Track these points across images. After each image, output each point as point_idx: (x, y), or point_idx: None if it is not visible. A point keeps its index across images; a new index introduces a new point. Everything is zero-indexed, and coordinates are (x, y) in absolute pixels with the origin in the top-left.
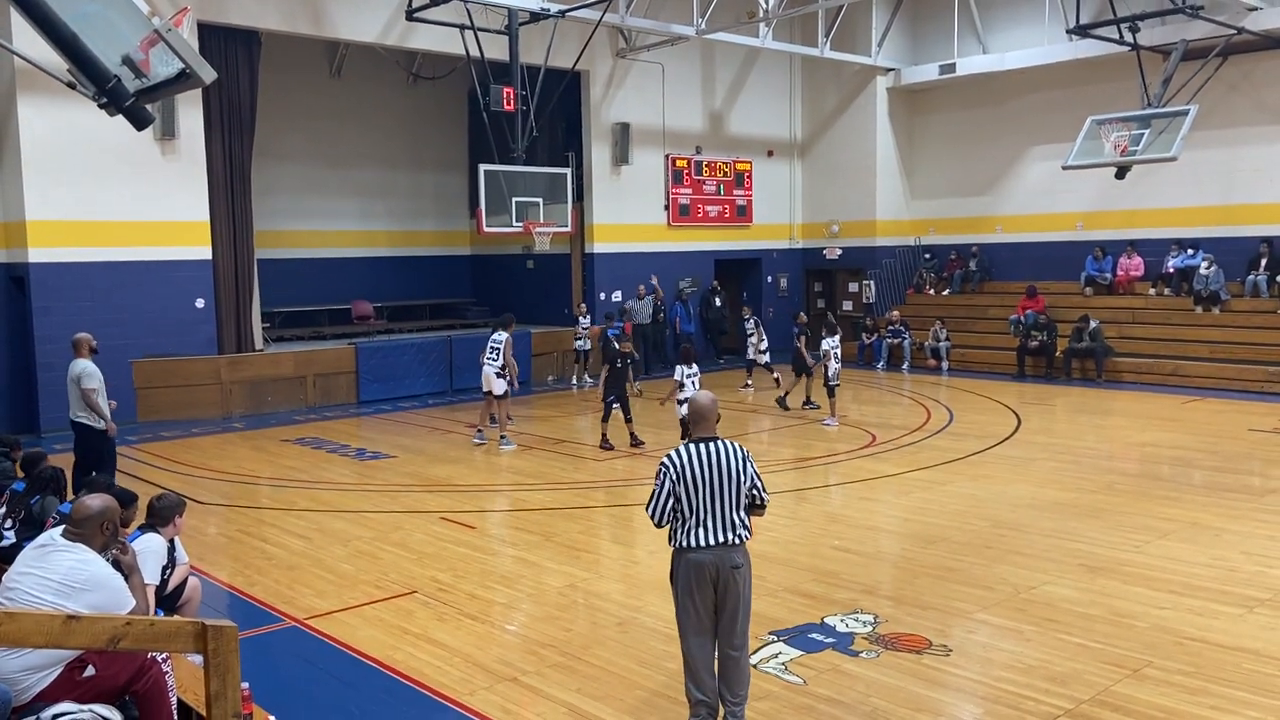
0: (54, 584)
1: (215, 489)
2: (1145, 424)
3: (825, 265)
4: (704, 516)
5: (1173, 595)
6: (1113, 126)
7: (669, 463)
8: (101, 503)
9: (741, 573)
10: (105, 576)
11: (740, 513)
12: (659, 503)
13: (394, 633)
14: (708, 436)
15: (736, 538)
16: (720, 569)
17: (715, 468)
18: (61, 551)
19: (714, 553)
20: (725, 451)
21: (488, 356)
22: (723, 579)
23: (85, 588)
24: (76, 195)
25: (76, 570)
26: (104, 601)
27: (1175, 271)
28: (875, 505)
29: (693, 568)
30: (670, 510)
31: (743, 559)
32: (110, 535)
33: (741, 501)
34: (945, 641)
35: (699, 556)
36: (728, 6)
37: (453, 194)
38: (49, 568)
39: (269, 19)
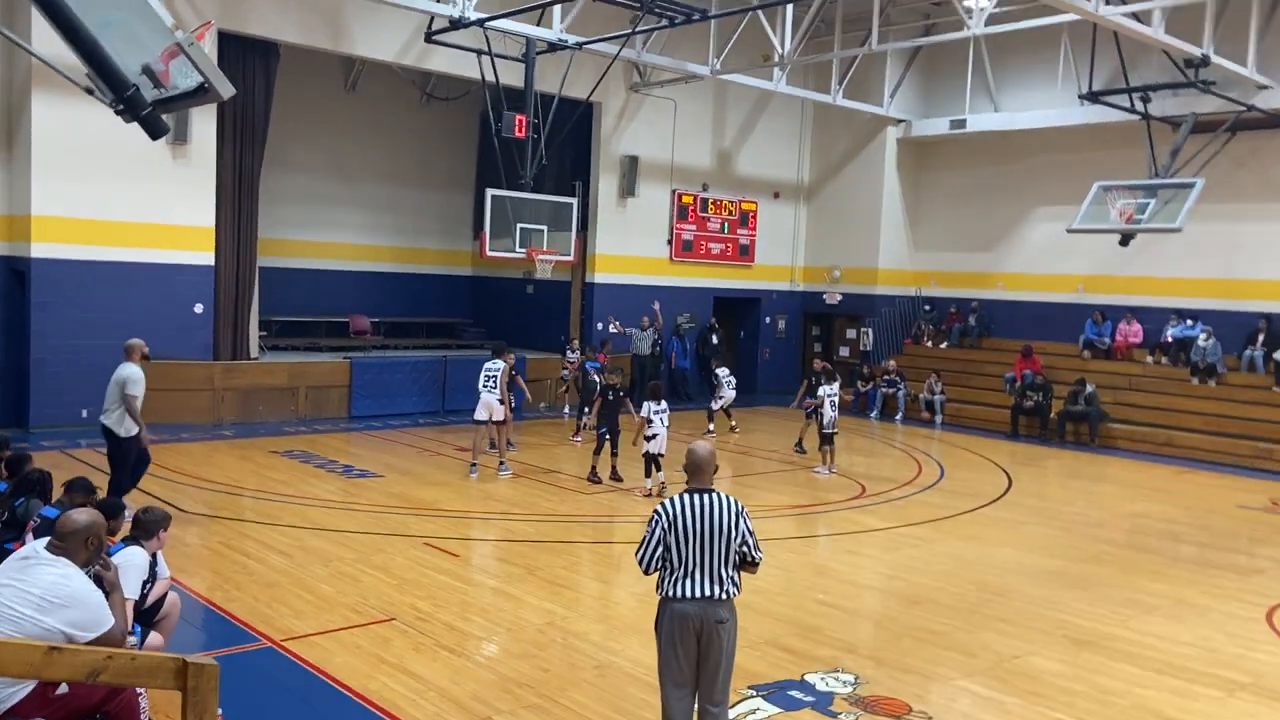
0: (34, 598)
1: (199, 498)
2: (1136, 493)
3: (824, 310)
4: (692, 568)
5: (1155, 674)
6: (1119, 194)
7: (662, 511)
8: (88, 518)
9: (726, 628)
10: (86, 593)
11: (729, 568)
12: (649, 550)
13: (370, 660)
14: (703, 488)
15: (724, 592)
16: (705, 622)
17: (707, 520)
18: (44, 565)
19: (699, 605)
20: (719, 505)
21: (484, 385)
22: (706, 632)
23: (65, 604)
24: (84, 193)
25: (58, 586)
26: (83, 618)
27: (1174, 341)
28: (861, 560)
29: (677, 619)
30: (659, 559)
31: (728, 614)
32: (94, 551)
33: (731, 556)
34: (925, 708)
35: (684, 608)
36: (743, 49)
37: (457, 214)
38: (30, 581)
39: (288, 32)
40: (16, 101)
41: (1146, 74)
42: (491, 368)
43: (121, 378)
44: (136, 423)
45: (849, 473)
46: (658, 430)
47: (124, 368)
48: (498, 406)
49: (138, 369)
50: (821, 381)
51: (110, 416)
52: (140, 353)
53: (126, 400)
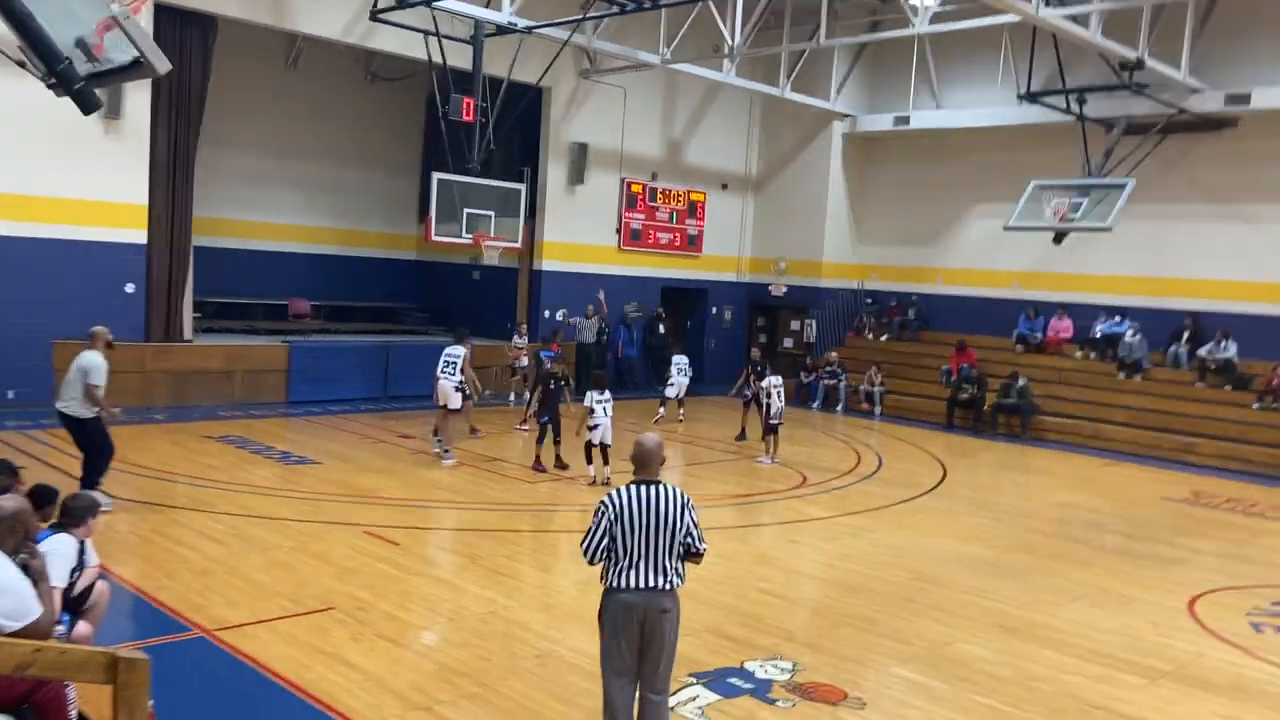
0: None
1: (129, 484)
2: (1064, 484)
3: (770, 301)
4: (636, 559)
5: (1079, 661)
6: (1054, 192)
7: (608, 502)
8: (14, 504)
9: (669, 617)
10: (12, 582)
11: (673, 559)
12: (593, 540)
13: (307, 651)
14: (649, 479)
15: (668, 583)
16: (648, 612)
17: (653, 511)
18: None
19: (643, 595)
20: (665, 496)
21: (443, 370)
22: (650, 622)
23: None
24: (9, 167)
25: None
26: (9, 608)
27: (1102, 337)
28: (802, 549)
29: (620, 609)
30: (603, 549)
31: (671, 604)
32: (21, 538)
33: (676, 548)
34: (860, 694)
35: (628, 598)
36: (694, 39)
37: (402, 197)
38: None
39: (228, 6)
40: None
41: (1083, 76)
42: (452, 353)
43: (84, 366)
44: (102, 408)
45: (790, 462)
46: (600, 420)
47: (87, 355)
48: (453, 394)
49: (100, 357)
50: (766, 372)
51: (70, 404)
52: (104, 340)
53: (89, 390)
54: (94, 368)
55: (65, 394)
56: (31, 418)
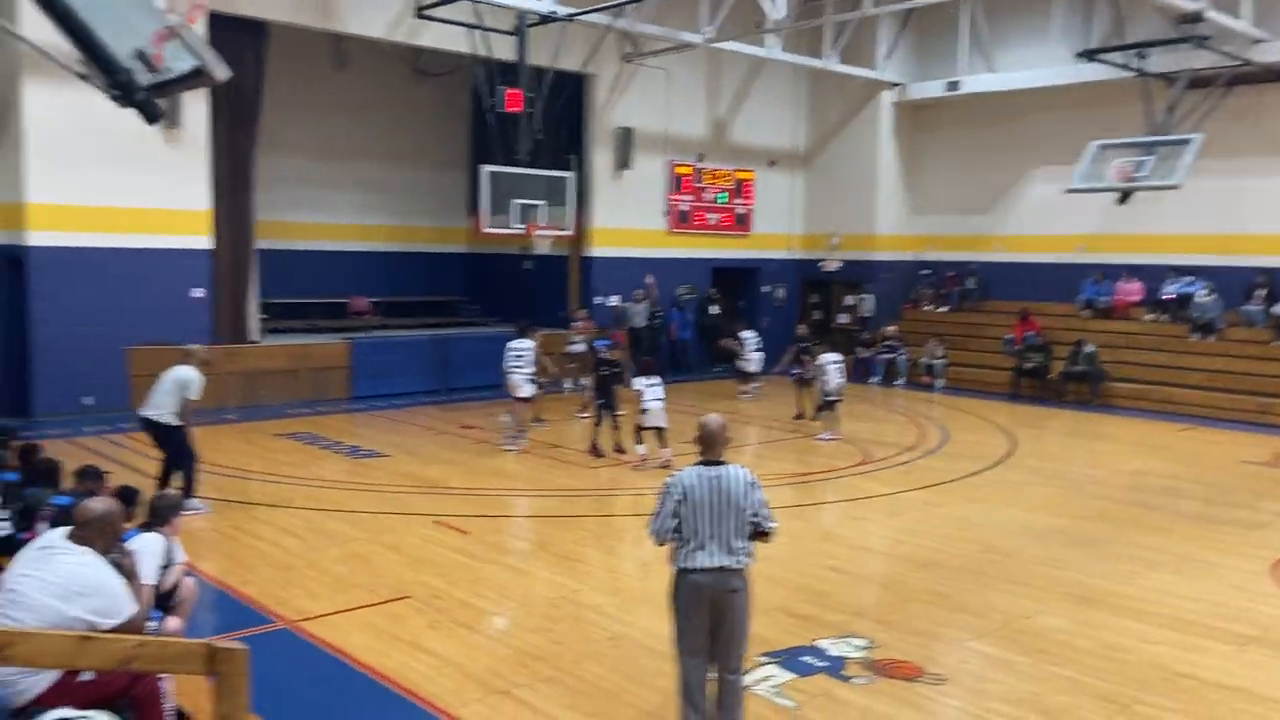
0: (55, 587)
1: (207, 482)
2: (1138, 451)
3: (823, 277)
4: (705, 539)
5: (1163, 630)
6: (1117, 152)
7: (674, 483)
8: (104, 506)
9: (739, 597)
10: (107, 581)
11: (742, 538)
12: (661, 521)
13: (386, 639)
14: (715, 459)
15: (737, 562)
16: (718, 592)
17: (720, 491)
18: (64, 554)
19: (713, 576)
20: (731, 476)
21: (513, 364)
22: (720, 602)
23: (86, 592)
24: (78, 180)
25: (78, 574)
26: (105, 606)
27: (1173, 298)
28: (868, 525)
29: (691, 589)
30: (671, 530)
31: (741, 583)
32: (112, 538)
33: (744, 527)
34: (938, 670)
35: (697, 579)
36: (736, 16)
37: (452, 191)
38: (51, 570)
39: (277, 11)
40: (6, 89)
41: (1142, 30)
42: (518, 346)
43: (182, 379)
44: (187, 422)
45: (853, 439)
46: (650, 405)
47: (184, 369)
48: (524, 385)
49: (197, 374)
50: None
51: (160, 413)
52: (200, 358)
53: (183, 403)
54: (191, 382)
55: (155, 402)
56: (109, 422)
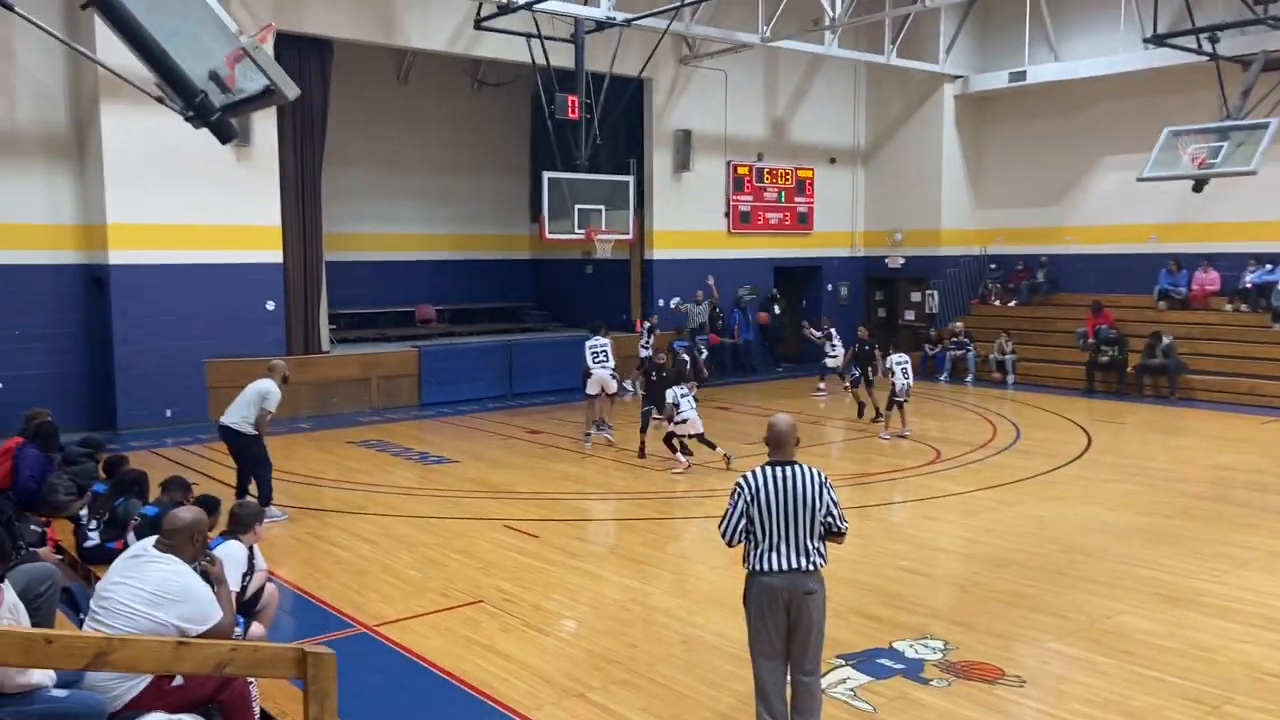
0: (146, 594)
1: (282, 490)
2: (1220, 445)
3: (887, 274)
4: (777, 540)
5: (1253, 629)
6: (1190, 138)
7: (744, 483)
8: (192, 515)
9: (815, 599)
10: (195, 588)
11: (815, 539)
12: (731, 522)
13: (461, 643)
14: (785, 460)
15: (810, 563)
16: (793, 594)
17: (791, 492)
18: (154, 563)
19: (787, 578)
20: (802, 476)
21: (596, 361)
22: (795, 604)
23: (177, 599)
24: (155, 200)
25: (168, 581)
26: (194, 612)
27: (1253, 287)
28: (941, 525)
29: (765, 592)
30: (741, 531)
31: (816, 585)
32: (200, 546)
33: (817, 528)
34: (1019, 672)
35: (771, 581)
36: (792, 14)
37: (514, 198)
38: (141, 578)
39: (341, 28)
40: (86, 113)
41: (1213, 13)
42: (598, 344)
43: (263, 391)
44: (263, 433)
45: (922, 437)
46: (687, 414)
47: (265, 381)
48: (611, 380)
49: (276, 388)
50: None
51: (239, 422)
52: (281, 374)
53: (261, 414)
54: (271, 395)
55: (235, 411)
56: (189, 433)
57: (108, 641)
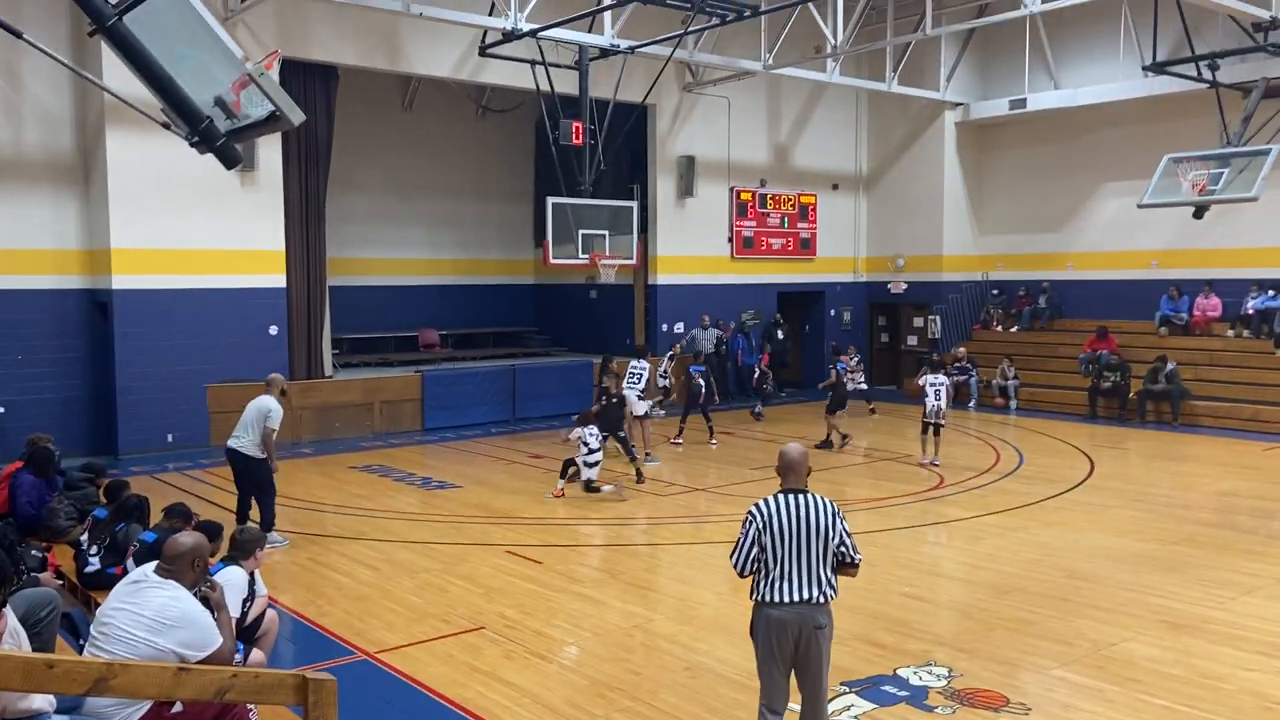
0: (146, 620)
1: (284, 515)
2: (1224, 471)
3: (889, 299)
4: (788, 570)
5: (1260, 656)
6: (1190, 165)
7: (756, 512)
8: (192, 540)
9: (825, 633)
10: (195, 614)
11: (826, 570)
12: (743, 551)
13: (463, 670)
14: (797, 488)
15: (821, 595)
16: (803, 628)
17: (803, 521)
18: (154, 588)
19: (796, 610)
20: (815, 505)
21: (629, 382)
22: (805, 638)
23: (176, 625)
24: (159, 224)
25: (168, 607)
26: (194, 638)
27: (1255, 313)
28: (945, 551)
29: (774, 625)
30: (754, 560)
31: (826, 619)
32: (200, 572)
33: (829, 559)
34: (1023, 699)
35: (780, 614)
36: (795, 42)
37: (518, 224)
38: (141, 604)
39: (347, 55)
40: (92, 139)
41: (1213, 40)
42: (637, 367)
43: (264, 409)
44: (269, 453)
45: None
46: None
47: (264, 400)
48: (637, 402)
49: (277, 403)
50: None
51: (245, 444)
52: (280, 387)
53: (266, 434)
54: (273, 412)
55: (241, 433)
56: (191, 458)
57: (108, 667)
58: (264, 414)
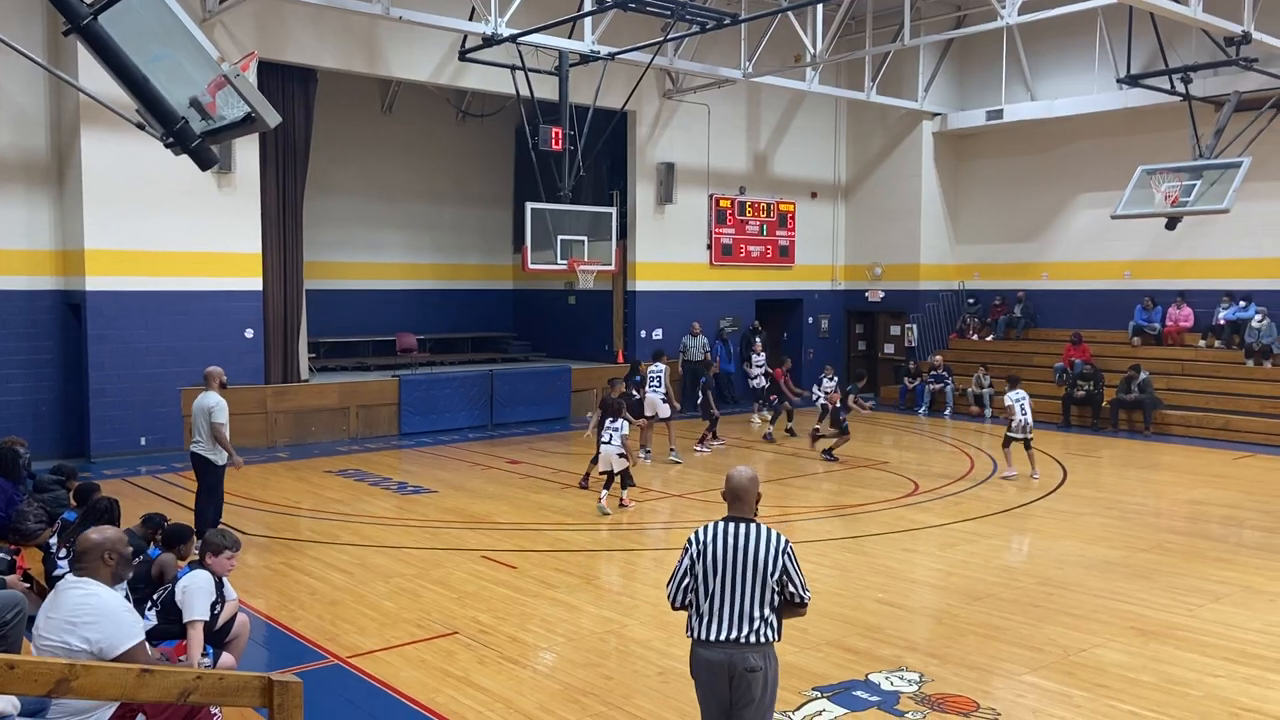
0: (60, 621)
1: (258, 519)
2: (1195, 480)
3: (867, 308)
4: (719, 606)
5: (1227, 663)
6: (1163, 177)
7: (693, 539)
8: (99, 535)
9: (760, 676)
10: (111, 609)
11: (764, 607)
12: (676, 582)
13: (436, 674)
14: (741, 517)
15: (754, 635)
16: (734, 671)
17: (739, 552)
18: (70, 588)
19: (725, 651)
20: (757, 536)
21: (650, 385)
22: (736, 682)
23: (90, 620)
24: (134, 226)
25: (81, 604)
26: (109, 634)
27: (1226, 323)
28: (918, 557)
29: (704, 667)
30: (687, 590)
31: (761, 661)
32: (118, 564)
33: (768, 595)
34: (993, 704)
35: (709, 654)
36: (774, 50)
37: (497, 229)
38: (59, 605)
39: (326, 58)
40: (66, 139)
41: (1186, 54)
42: (655, 369)
43: (206, 407)
44: (226, 450)
45: (900, 470)
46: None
47: (206, 397)
48: (661, 405)
49: (220, 398)
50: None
51: (202, 445)
52: (219, 380)
53: (214, 429)
54: (216, 406)
55: (197, 437)
56: (164, 462)
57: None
58: (208, 411)
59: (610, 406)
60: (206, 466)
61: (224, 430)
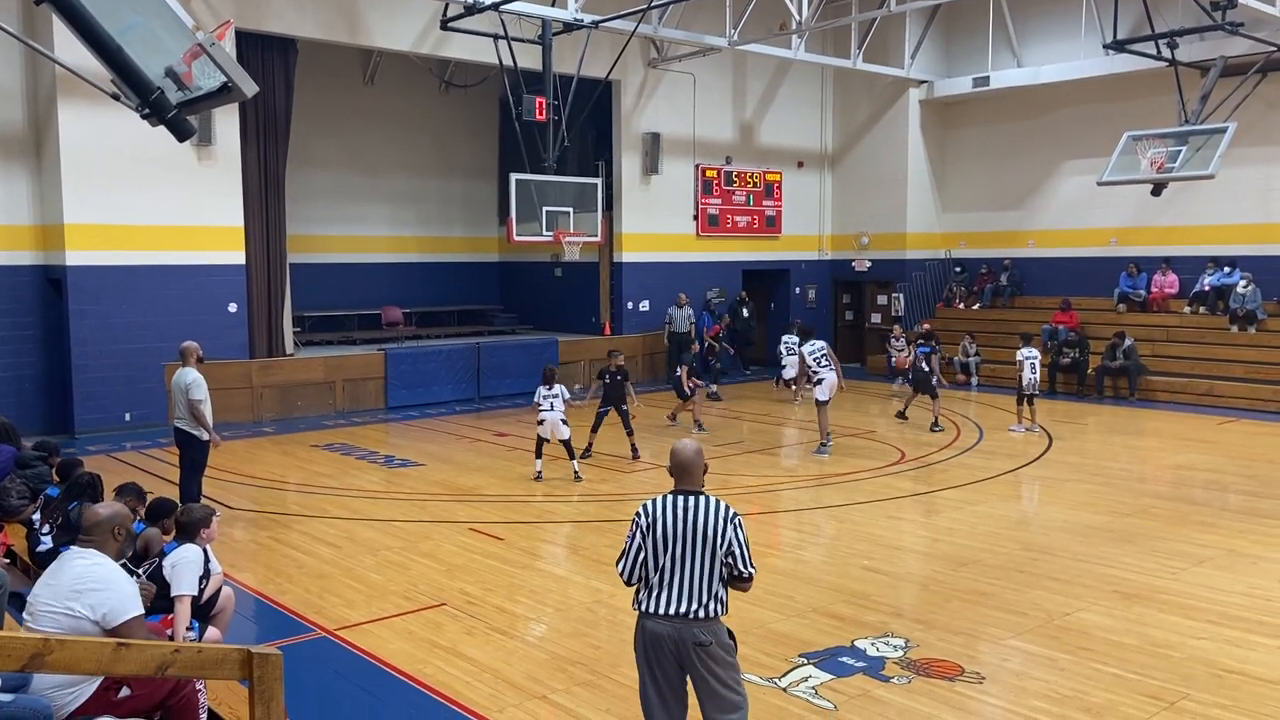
0: (63, 589)
1: (245, 494)
2: (1179, 445)
3: (854, 277)
4: (668, 579)
5: (1210, 625)
6: (1149, 143)
7: (641, 513)
8: (109, 510)
9: (710, 651)
10: (115, 580)
11: (713, 582)
12: (628, 557)
13: (423, 646)
14: (688, 489)
15: (704, 610)
16: (681, 646)
17: (689, 525)
18: (74, 559)
19: (673, 625)
20: (706, 508)
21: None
22: (685, 658)
23: (96, 587)
24: (114, 200)
25: (88, 573)
26: (107, 601)
27: (1211, 290)
28: (904, 524)
29: (651, 640)
30: (640, 564)
31: (709, 636)
32: (124, 540)
33: (717, 569)
34: (978, 669)
35: (656, 627)
36: (760, 18)
37: (482, 201)
38: (62, 574)
39: (306, 27)
40: (43, 112)
41: (1172, 19)
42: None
43: (184, 384)
44: (205, 427)
45: (885, 438)
46: (545, 415)
47: (183, 373)
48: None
49: (197, 373)
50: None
51: (184, 420)
52: (195, 356)
53: (193, 406)
54: (194, 383)
55: (178, 413)
56: (149, 438)
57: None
58: (185, 389)
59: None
60: (190, 442)
61: (202, 408)
